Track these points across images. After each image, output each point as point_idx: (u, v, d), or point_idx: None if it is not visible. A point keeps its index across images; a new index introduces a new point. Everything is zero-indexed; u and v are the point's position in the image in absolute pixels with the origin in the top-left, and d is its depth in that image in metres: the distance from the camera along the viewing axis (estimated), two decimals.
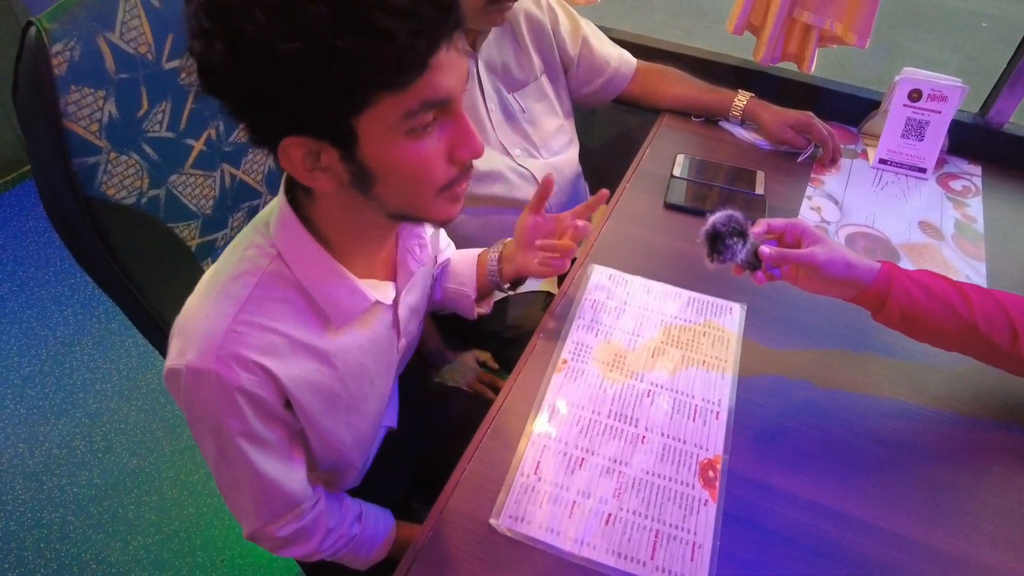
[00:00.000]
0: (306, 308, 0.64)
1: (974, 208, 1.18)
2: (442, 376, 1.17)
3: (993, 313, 0.74)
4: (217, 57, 0.48)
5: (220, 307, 0.60)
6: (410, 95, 0.51)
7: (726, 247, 0.76)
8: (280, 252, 0.62)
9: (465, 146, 0.57)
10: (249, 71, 0.48)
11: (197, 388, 0.60)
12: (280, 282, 0.62)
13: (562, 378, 0.83)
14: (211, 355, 0.58)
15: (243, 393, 0.60)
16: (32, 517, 1.50)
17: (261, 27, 0.45)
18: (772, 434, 0.79)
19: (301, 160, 0.54)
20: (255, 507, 0.69)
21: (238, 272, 0.62)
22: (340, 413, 0.72)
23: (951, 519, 0.72)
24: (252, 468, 0.65)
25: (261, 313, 0.61)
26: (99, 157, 0.75)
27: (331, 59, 0.46)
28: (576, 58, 1.26)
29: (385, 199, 0.58)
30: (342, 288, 0.65)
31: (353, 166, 0.54)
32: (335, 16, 0.45)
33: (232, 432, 0.62)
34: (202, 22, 0.48)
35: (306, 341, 0.64)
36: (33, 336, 1.89)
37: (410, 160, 0.55)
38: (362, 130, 0.52)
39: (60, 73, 0.69)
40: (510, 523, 0.68)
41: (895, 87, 1.22)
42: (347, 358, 0.69)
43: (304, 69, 0.47)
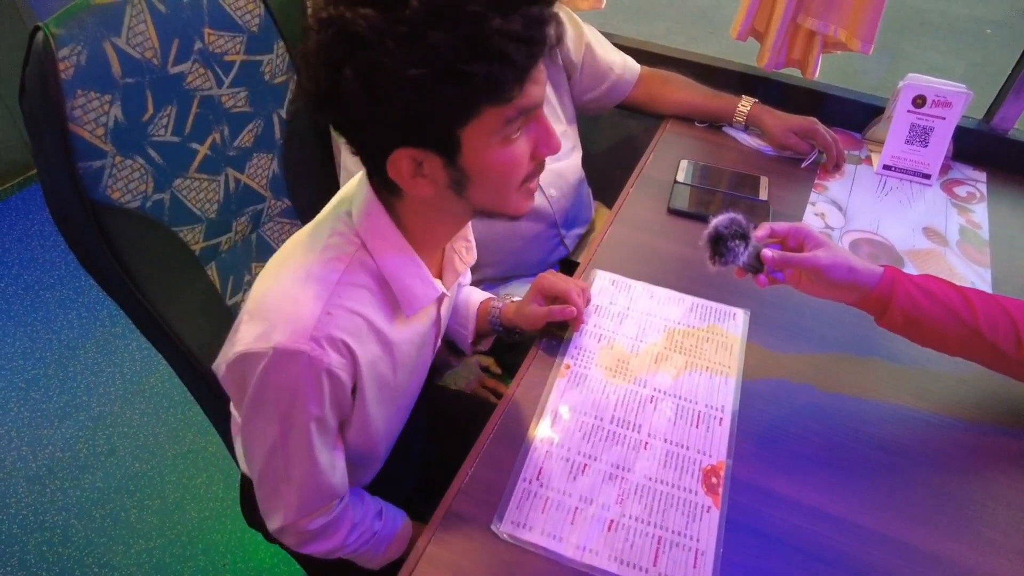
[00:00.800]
0: (382, 296, 0.67)
1: (979, 214, 1.18)
2: (445, 380, 1.17)
3: (997, 318, 0.74)
4: (346, 83, 0.52)
5: (312, 290, 0.62)
6: (511, 107, 0.56)
7: (728, 249, 0.75)
8: (364, 241, 0.65)
9: (546, 145, 0.63)
10: (378, 96, 0.52)
11: (282, 370, 0.61)
12: (364, 269, 0.66)
13: (565, 383, 0.83)
14: (305, 336, 0.60)
15: (330, 375, 0.62)
16: (35, 520, 1.50)
17: (392, 56, 0.50)
18: (775, 440, 0.79)
19: (406, 169, 0.58)
20: (298, 498, 0.70)
21: (326, 258, 0.64)
22: (386, 402, 0.75)
23: (955, 526, 0.71)
24: (311, 455, 0.67)
25: (349, 297, 0.64)
26: (104, 161, 0.75)
27: (456, 82, 0.51)
28: (580, 64, 1.26)
29: (475, 198, 0.63)
30: (418, 279, 0.68)
31: (453, 171, 0.59)
32: (461, 44, 0.50)
33: (307, 416, 0.64)
34: (330, 50, 0.52)
35: (380, 327, 0.67)
36: (37, 339, 1.90)
37: (503, 163, 0.60)
38: (465, 139, 0.57)
39: (67, 78, 0.69)
40: (512, 529, 0.68)
41: (899, 93, 1.22)
42: (402, 347, 0.72)
43: (430, 92, 0.52)
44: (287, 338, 0.60)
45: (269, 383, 0.62)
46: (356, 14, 0.50)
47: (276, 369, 0.61)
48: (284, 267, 0.66)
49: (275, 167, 0.98)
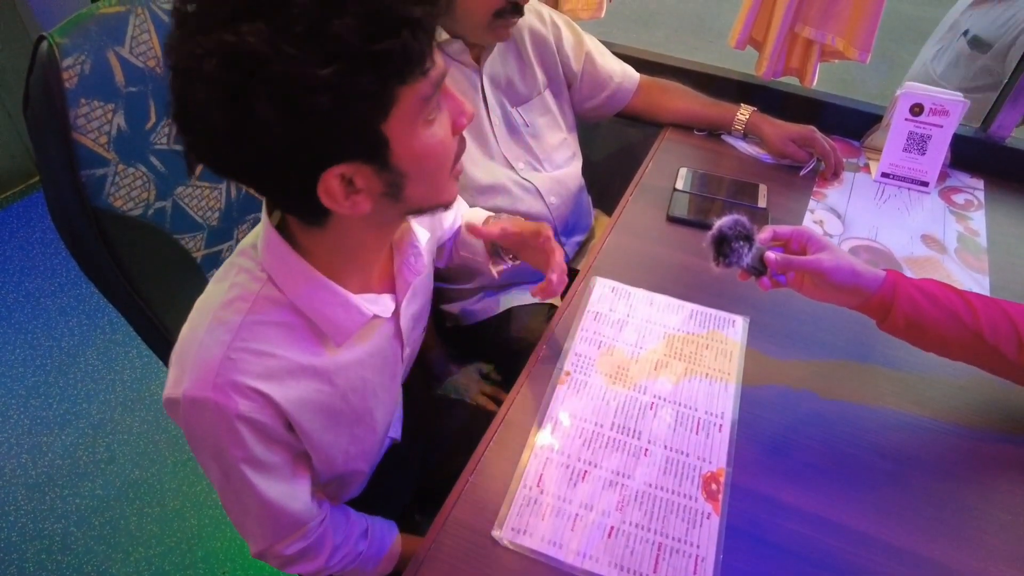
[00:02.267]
0: (302, 329, 0.64)
1: (977, 222, 1.19)
2: (445, 388, 1.17)
3: (999, 322, 0.74)
4: (254, 114, 0.46)
5: (213, 335, 0.59)
6: (425, 82, 0.52)
7: (732, 251, 0.76)
8: (270, 275, 0.62)
9: (462, 113, 0.59)
10: (293, 110, 0.46)
11: (196, 416, 0.60)
12: (273, 305, 0.62)
13: (565, 390, 0.83)
14: (208, 384, 0.58)
15: (242, 420, 0.60)
16: (34, 528, 1.50)
17: (296, 61, 0.44)
18: (775, 447, 0.79)
19: (340, 190, 0.53)
20: (260, 528, 0.69)
21: (229, 298, 0.61)
22: (343, 428, 0.72)
23: (955, 533, 0.71)
24: (255, 492, 0.65)
25: (256, 338, 0.60)
26: (107, 169, 0.75)
27: (369, 66, 0.46)
28: (580, 73, 1.27)
29: (412, 196, 0.58)
30: (336, 305, 0.64)
31: (388, 174, 0.55)
32: (366, 23, 0.45)
33: (234, 459, 0.62)
34: (226, 81, 0.45)
35: (304, 362, 0.64)
36: (38, 346, 1.90)
37: (433, 145, 0.56)
38: (391, 133, 0.52)
39: (71, 87, 0.70)
40: (512, 535, 0.68)
41: (897, 101, 1.23)
42: (348, 374, 0.69)
43: (346, 87, 0.46)
44: (192, 386, 0.58)
45: (192, 428, 0.61)
46: (239, 33, 0.44)
47: (191, 415, 0.60)
48: (198, 308, 0.63)
49: None
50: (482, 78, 1.14)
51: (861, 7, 1.26)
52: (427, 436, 1.02)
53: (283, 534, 0.70)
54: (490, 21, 1.01)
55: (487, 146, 1.16)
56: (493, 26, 1.03)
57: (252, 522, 0.68)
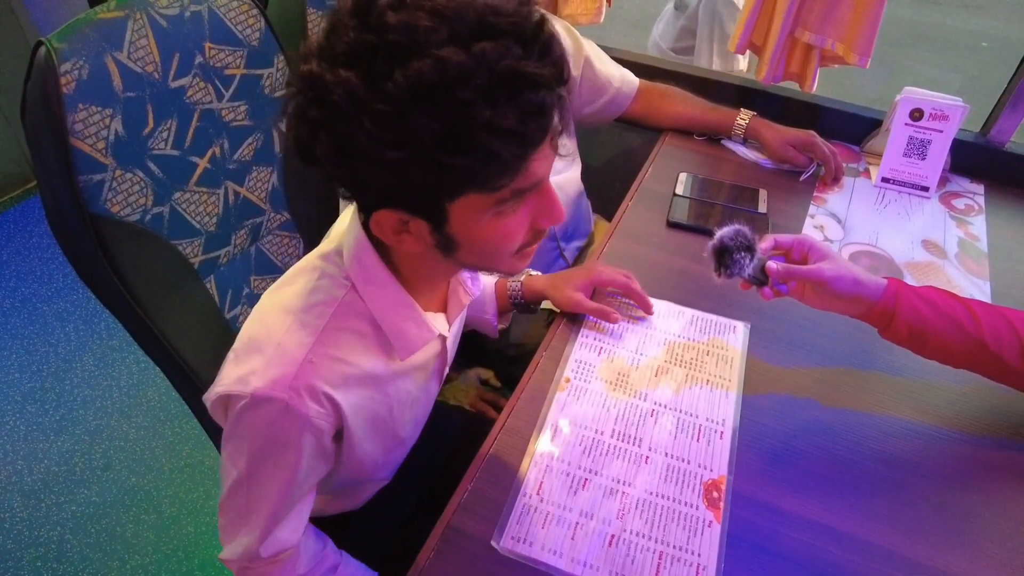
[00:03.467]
0: (373, 338, 0.65)
1: (977, 227, 1.18)
2: (443, 395, 1.17)
3: (1001, 329, 0.74)
4: (321, 147, 0.49)
5: (295, 336, 0.60)
6: (504, 190, 0.52)
7: (734, 262, 0.75)
8: (354, 283, 0.63)
9: (548, 216, 0.59)
10: (352, 165, 0.49)
11: (259, 414, 0.59)
12: (353, 313, 0.63)
13: (565, 397, 0.83)
14: (284, 384, 0.58)
15: (309, 425, 0.60)
16: (29, 535, 1.49)
17: (368, 134, 0.46)
18: (776, 454, 0.78)
19: (391, 227, 0.56)
20: (249, 539, 0.67)
21: (313, 302, 0.62)
22: (380, 438, 0.73)
23: (957, 540, 0.71)
24: (271, 501, 0.64)
25: (335, 344, 0.61)
26: (105, 174, 0.75)
27: (434, 170, 0.48)
28: (578, 79, 1.27)
29: (464, 260, 0.60)
30: (412, 322, 0.66)
31: (440, 236, 0.56)
32: (444, 133, 0.46)
33: (275, 462, 0.62)
34: (306, 111, 0.49)
35: (370, 371, 0.65)
36: (34, 352, 1.89)
37: (494, 235, 0.57)
38: (453, 212, 0.54)
39: (68, 92, 0.70)
40: (512, 544, 0.68)
41: (897, 106, 1.23)
42: (399, 387, 0.70)
43: (407, 173, 0.49)
44: (266, 385, 0.58)
45: (244, 423, 0.61)
46: (337, 78, 0.46)
47: (252, 412, 0.60)
48: (274, 308, 0.64)
49: (274, 180, 0.98)
50: None
51: (861, 12, 1.26)
52: (427, 443, 1.01)
53: (263, 551, 0.68)
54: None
55: None
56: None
57: (244, 529, 0.67)
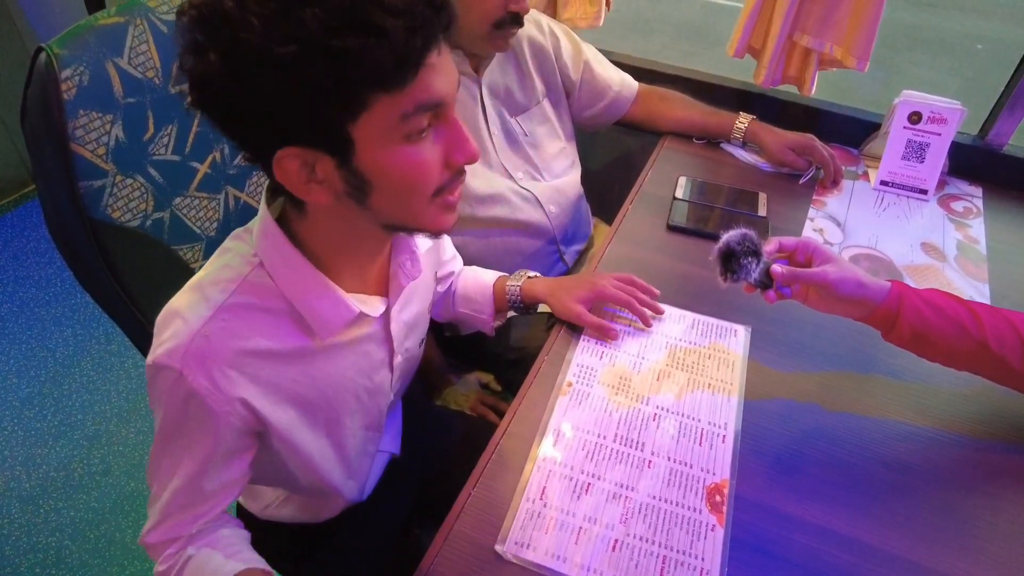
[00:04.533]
0: (287, 318, 0.64)
1: (976, 229, 1.19)
2: (444, 399, 1.16)
3: (1004, 331, 0.74)
4: (213, 68, 0.48)
5: (194, 309, 0.59)
6: (405, 97, 0.51)
7: (740, 266, 0.75)
8: (262, 260, 0.62)
9: (460, 150, 0.57)
10: (245, 79, 0.48)
11: (158, 385, 0.61)
12: (260, 291, 0.62)
13: (567, 401, 0.82)
14: (178, 355, 0.58)
15: (200, 403, 0.60)
16: (28, 542, 1.48)
17: (257, 33, 0.46)
18: (779, 457, 0.78)
19: (296, 172, 0.54)
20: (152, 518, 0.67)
21: (217, 278, 0.62)
22: (320, 426, 0.71)
23: (960, 543, 0.71)
24: (175, 478, 0.65)
25: (236, 319, 0.60)
26: (105, 180, 0.75)
27: (328, 60, 0.47)
28: (578, 82, 1.27)
29: (380, 208, 0.58)
30: (325, 299, 0.64)
31: (349, 175, 0.54)
32: (331, 17, 0.46)
33: (180, 437, 0.63)
34: (196, 35, 0.48)
35: (283, 351, 0.64)
36: (32, 357, 1.88)
37: (406, 165, 0.55)
38: (358, 136, 0.52)
39: (69, 98, 0.69)
40: (515, 549, 0.67)
41: (895, 109, 1.23)
42: (329, 371, 0.69)
43: (301, 73, 0.47)
44: (163, 352, 0.58)
45: (152, 393, 0.62)
46: None
47: (154, 383, 0.61)
48: (187, 284, 0.64)
49: None
50: (481, 87, 1.14)
51: (859, 16, 1.26)
52: (426, 448, 1.01)
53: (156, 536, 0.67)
54: (489, 32, 1.01)
55: (486, 156, 1.16)
56: (492, 37, 1.03)
57: (160, 502, 0.66)
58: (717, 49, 4.05)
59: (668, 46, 4.32)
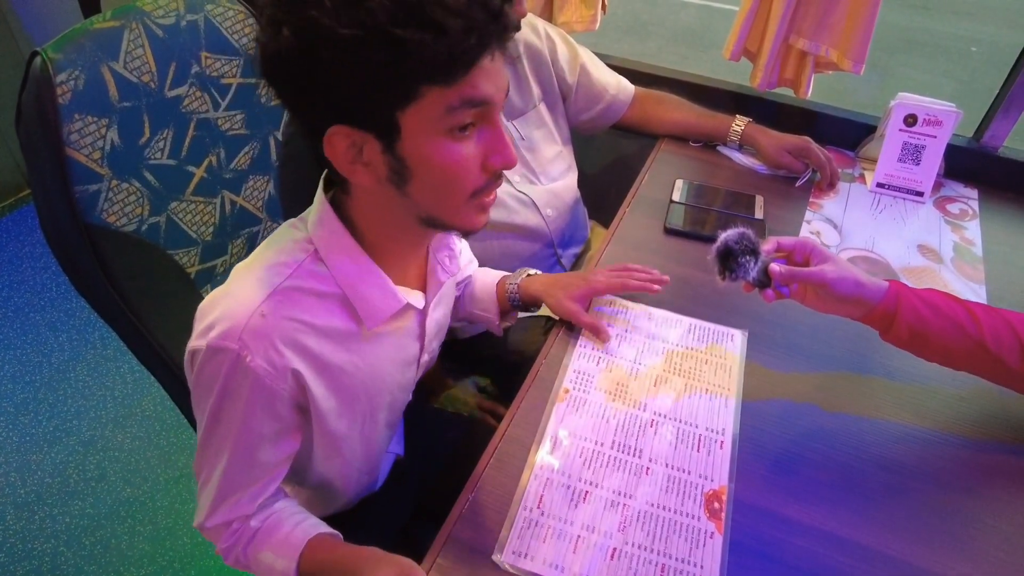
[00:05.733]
0: (338, 306, 0.66)
1: (972, 231, 1.19)
2: (441, 402, 1.16)
3: (1001, 331, 0.74)
4: (284, 42, 0.52)
5: (250, 292, 0.61)
6: (453, 91, 0.53)
7: (739, 265, 0.75)
8: (317, 248, 0.64)
9: (499, 154, 0.59)
10: (311, 55, 0.51)
11: (211, 365, 0.61)
12: (315, 277, 0.64)
13: (564, 408, 0.82)
14: (234, 335, 0.59)
15: (258, 383, 0.61)
16: (23, 548, 1.47)
17: (327, 13, 0.49)
18: (777, 461, 0.78)
19: (344, 151, 0.56)
20: (206, 500, 0.68)
21: (273, 262, 0.63)
22: (357, 419, 0.73)
23: (959, 545, 0.71)
24: (228, 461, 0.66)
25: (292, 304, 0.62)
26: (100, 185, 0.74)
27: (387, 48, 0.50)
28: (574, 86, 1.27)
29: (418, 198, 0.60)
30: (376, 288, 0.66)
31: (392, 160, 0.57)
32: (396, 9, 0.49)
33: (233, 418, 0.64)
34: (274, 11, 0.52)
35: (334, 338, 0.66)
36: (27, 362, 1.87)
37: (446, 159, 0.57)
38: (405, 124, 0.55)
39: (64, 102, 0.69)
40: (513, 559, 0.67)
41: (891, 112, 1.23)
42: (372, 362, 0.70)
43: (362, 56, 0.50)
44: (218, 336, 0.59)
45: (201, 377, 0.63)
46: None
47: (206, 365, 0.61)
48: (236, 270, 0.65)
49: (271, 189, 0.98)
50: None
51: (854, 19, 1.27)
52: (426, 450, 1.01)
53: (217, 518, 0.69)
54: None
55: None
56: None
57: (210, 487, 0.68)
58: (713, 52, 4.07)
59: (664, 49, 4.33)
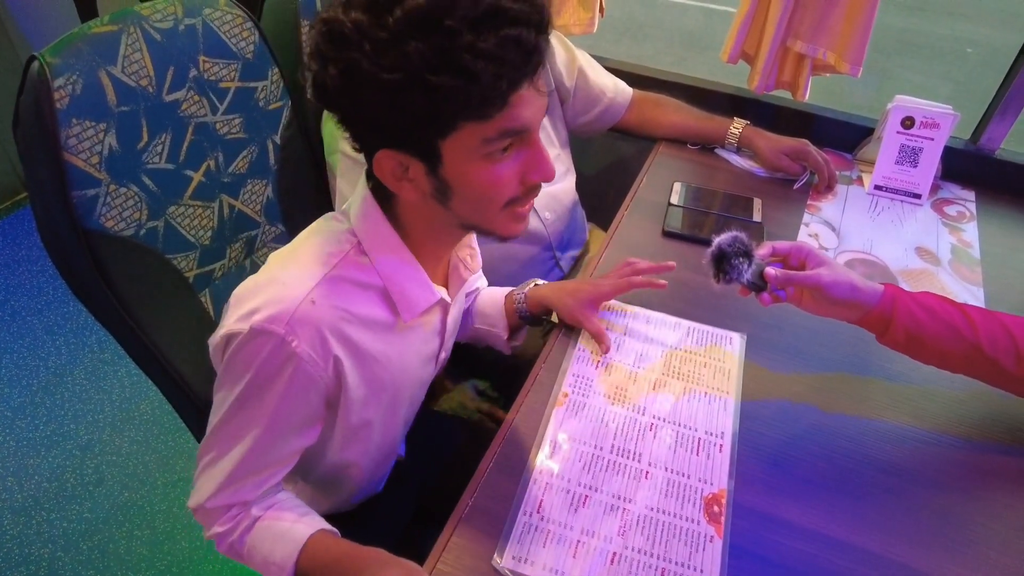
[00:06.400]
0: (378, 297, 0.68)
1: (969, 233, 1.19)
2: (441, 405, 1.16)
3: (997, 334, 0.74)
4: (330, 79, 0.55)
5: (298, 279, 0.62)
6: (490, 125, 0.57)
7: (732, 267, 0.76)
8: (361, 240, 0.66)
9: (537, 170, 0.62)
10: (355, 93, 0.55)
11: (252, 349, 0.61)
12: (358, 268, 0.66)
13: (563, 412, 0.82)
14: (283, 320, 0.60)
15: (297, 365, 0.62)
16: (20, 553, 1.46)
17: (369, 58, 0.52)
18: (776, 463, 0.78)
19: (391, 170, 0.60)
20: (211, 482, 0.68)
21: (320, 252, 0.65)
22: (380, 409, 0.74)
23: (957, 548, 0.71)
24: (247, 445, 0.66)
25: (338, 293, 0.64)
26: (98, 189, 0.74)
27: (425, 91, 0.53)
28: (572, 89, 1.27)
29: (459, 211, 0.63)
30: (415, 281, 0.69)
31: (435, 180, 0.60)
32: (431, 55, 0.51)
33: (264, 401, 0.64)
34: (320, 47, 0.55)
35: (373, 329, 0.67)
36: (24, 366, 1.86)
37: (484, 180, 0.60)
38: (445, 151, 0.58)
39: (62, 107, 0.69)
40: (514, 564, 0.67)
41: (888, 114, 1.24)
42: (403, 353, 0.72)
43: (402, 98, 0.54)
44: (264, 319, 0.60)
45: (238, 359, 0.63)
46: (347, 16, 0.53)
47: (247, 347, 0.61)
48: (278, 258, 0.66)
49: (269, 193, 0.98)
50: None
51: (852, 21, 1.27)
52: (427, 453, 1.00)
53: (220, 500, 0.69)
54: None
55: None
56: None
57: (219, 469, 0.67)
58: (711, 54, 4.07)
59: (662, 52, 4.34)
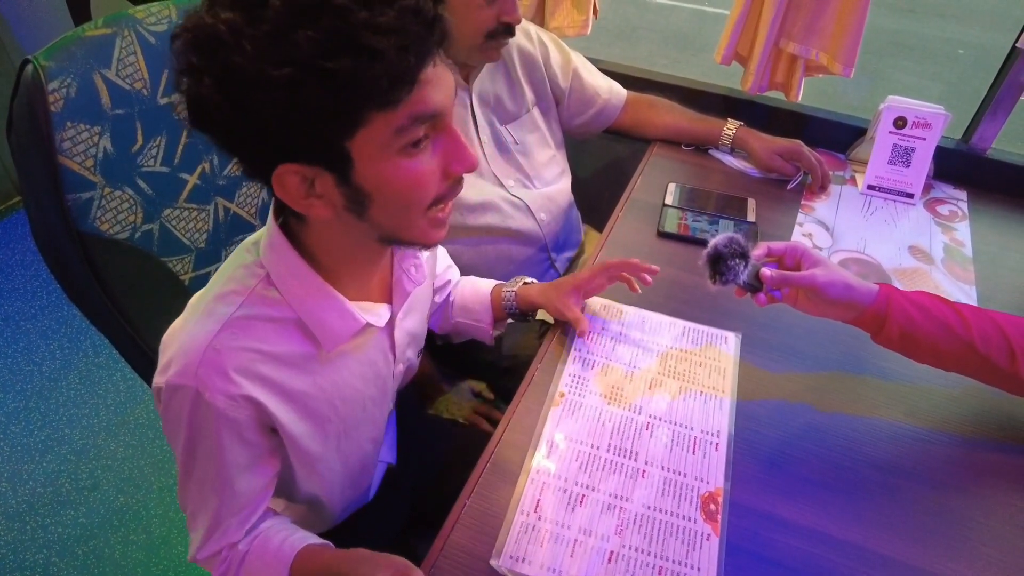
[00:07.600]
0: (295, 330, 0.63)
1: (962, 232, 1.20)
2: (436, 408, 1.16)
3: (990, 332, 0.75)
4: (208, 91, 0.48)
5: (202, 325, 0.59)
6: (400, 112, 0.51)
7: (728, 268, 0.76)
8: (269, 273, 0.62)
9: (459, 160, 0.58)
10: (240, 102, 0.48)
11: (174, 403, 0.60)
12: (268, 303, 0.62)
13: (560, 412, 0.82)
14: (190, 373, 0.58)
15: (221, 416, 0.60)
16: (15, 559, 1.46)
17: (250, 57, 0.46)
18: (772, 462, 0.79)
19: (296, 188, 0.54)
20: (196, 534, 0.68)
21: (224, 291, 0.62)
22: (331, 439, 0.71)
23: (953, 544, 0.71)
24: (211, 495, 0.65)
25: (245, 333, 0.60)
26: (93, 192, 0.74)
27: (323, 82, 0.47)
28: (567, 90, 1.28)
29: (378, 220, 0.58)
30: (332, 310, 0.64)
31: (348, 189, 0.54)
32: (325, 39, 0.46)
33: (207, 453, 0.63)
34: (190, 58, 0.48)
35: (290, 356, 0.63)
36: (18, 371, 1.86)
37: (405, 177, 0.55)
38: (356, 152, 0.52)
39: (56, 110, 0.69)
40: (511, 564, 0.67)
41: (880, 115, 1.24)
42: (337, 381, 0.68)
43: (296, 94, 0.47)
44: (175, 373, 0.59)
45: (168, 413, 0.62)
46: (216, 18, 0.47)
47: (170, 402, 0.61)
48: (192, 301, 0.64)
49: (264, 195, 0.98)
50: (471, 96, 1.14)
51: (844, 22, 1.28)
52: (421, 458, 1.00)
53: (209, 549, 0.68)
54: (482, 43, 1.02)
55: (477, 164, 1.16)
56: (485, 47, 1.03)
57: (205, 517, 0.67)
58: (704, 56, 4.09)
59: (655, 53, 4.35)
